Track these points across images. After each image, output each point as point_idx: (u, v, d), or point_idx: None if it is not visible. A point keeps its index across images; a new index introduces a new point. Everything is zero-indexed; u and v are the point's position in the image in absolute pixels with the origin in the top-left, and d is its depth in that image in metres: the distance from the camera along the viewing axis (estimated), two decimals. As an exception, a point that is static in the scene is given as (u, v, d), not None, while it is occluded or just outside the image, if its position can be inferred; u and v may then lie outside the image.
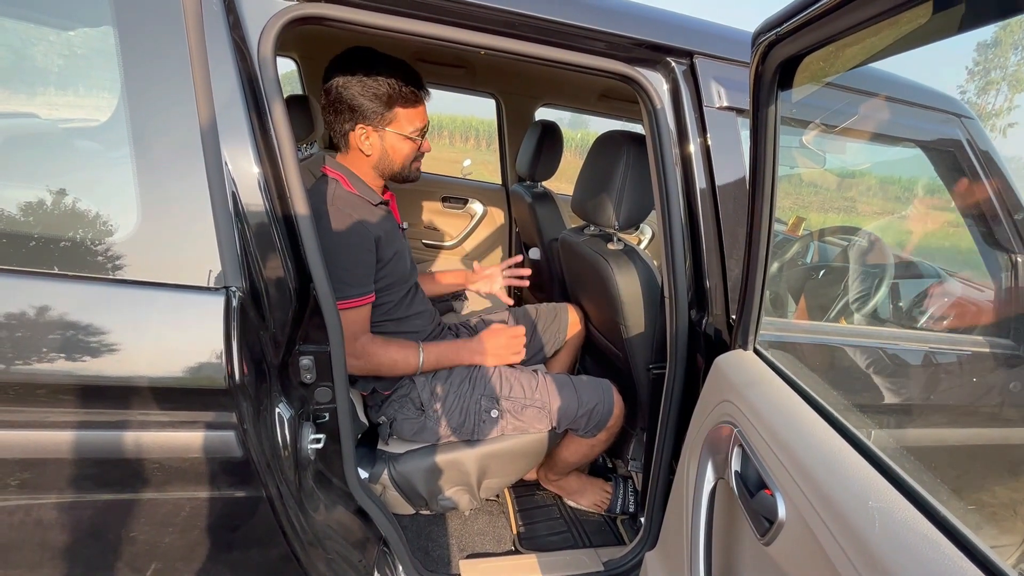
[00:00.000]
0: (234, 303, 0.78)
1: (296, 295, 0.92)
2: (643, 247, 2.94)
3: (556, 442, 1.45)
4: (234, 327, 0.77)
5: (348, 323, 1.13)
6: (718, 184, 1.08)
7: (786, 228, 1.99)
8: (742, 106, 1.08)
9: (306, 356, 0.96)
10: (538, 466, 1.61)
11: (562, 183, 2.73)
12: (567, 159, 2.41)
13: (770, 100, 0.74)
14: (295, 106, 2.22)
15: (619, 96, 2.41)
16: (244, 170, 0.83)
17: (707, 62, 1.07)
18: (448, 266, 2.86)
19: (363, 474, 1.27)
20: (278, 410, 0.88)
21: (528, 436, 1.36)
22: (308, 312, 0.95)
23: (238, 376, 0.77)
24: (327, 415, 1.02)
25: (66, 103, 0.87)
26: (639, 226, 2.93)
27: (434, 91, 2.66)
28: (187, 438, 0.80)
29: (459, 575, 1.33)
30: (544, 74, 2.36)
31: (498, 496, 1.64)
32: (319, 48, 2.37)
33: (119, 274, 0.77)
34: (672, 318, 1.15)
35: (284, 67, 2.62)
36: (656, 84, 1.08)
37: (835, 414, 0.71)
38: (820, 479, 0.62)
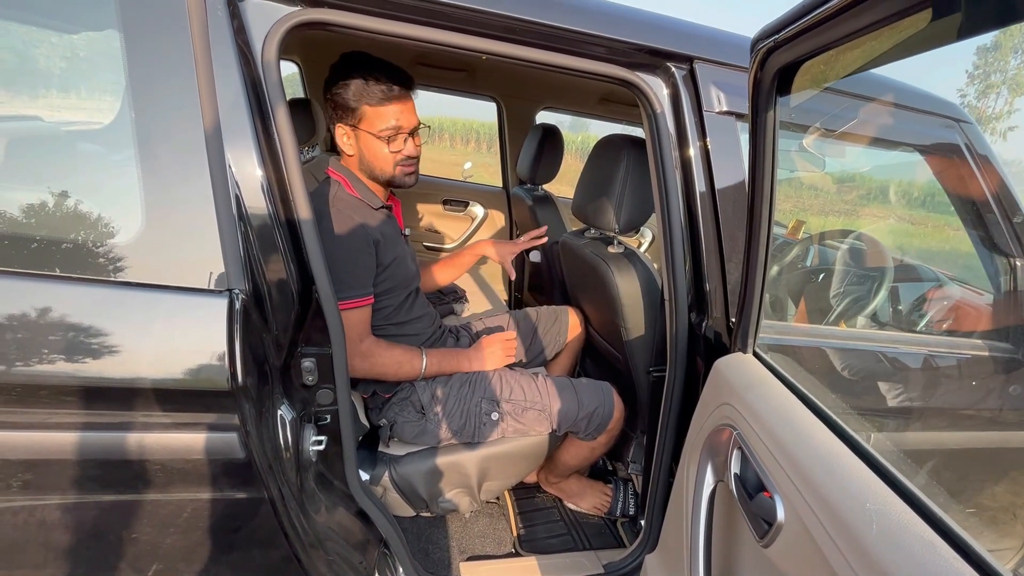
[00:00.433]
0: (237, 305, 0.78)
1: (298, 297, 0.92)
2: (643, 250, 2.95)
3: (556, 445, 1.45)
4: (237, 329, 0.78)
5: (350, 324, 1.13)
6: (718, 188, 1.08)
7: (786, 231, 2.00)
8: (741, 111, 1.09)
9: (308, 358, 0.97)
10: (538, 469, 1.62)
11: (563, 186, 2.74)
12: (567, 162, 2.42)
13: (769, 105, 0.74)
14: (297, 109, 2.22)
15: (619, 100, 2.42)
16: (248, 173, 0.84)
17: (707, 67, 1.08)
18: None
19: (364, 476, 1.27)
20: (280, 412, 0.89)
21: (528, 438, 1.37)
22: (310, 314, 0.95)
23: (241, 378, 0.78)
24: (328, 417, 1.03)
25: (70, 106, 0.87)
26: (639, 229, 2.93)
27: (435, 94, 2.68)
28: (190, 439, 0.80)
29: None
30: (545, 78, 2.37)
31: (498, 498, 1.65)
32: (321, 52, 2.38)
33: (123, 276, 0.77)
34: (672, 321, 1.15)
35: (286, 70, 2.63)
36: (656, 89, 1.09)
37: (834, 417, 0.72)
38: (819, 482, 0.62)
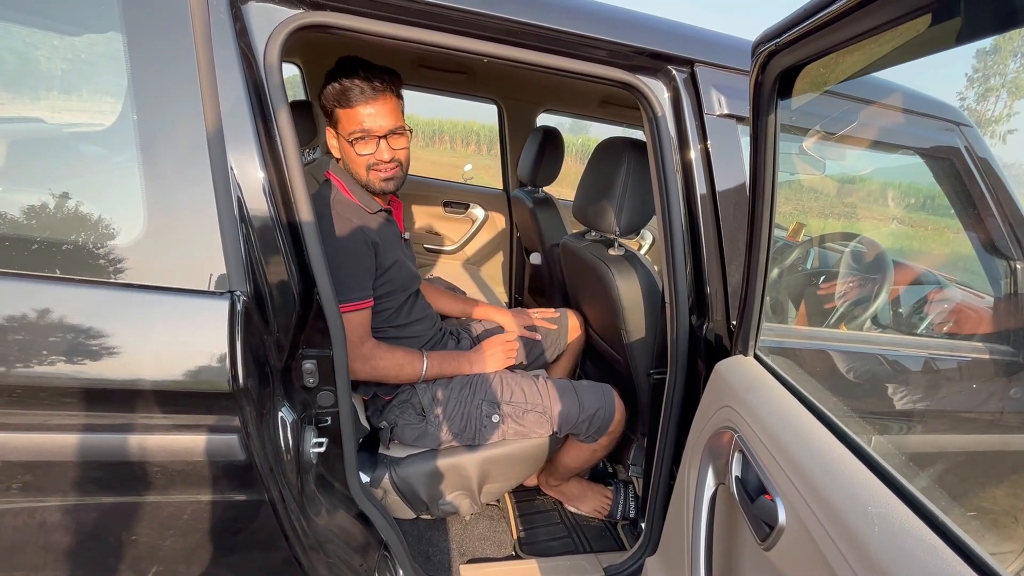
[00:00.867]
0: (238, 307, 0.78)
1: (299, 299, 0.92)
2: (644, 252, 2.95)
3: (557, 447, 1.45)
4: (238, 331, 0.78)
5: (350, 327, 1.13)
6: (718, 190, 1.09)
7: (786, 234, 2.00)
8: (742, 114, 1.09)
9: (309, 360, 0.97)
10: (539, 471, 1.61)
11: (563, 188, 2.74)
12: (568, 164, 2.42)
13: (770, 108, 0.74)
14: (298, 111, 2.23)
15: (620, 102, 2.42)
16: (249, 175, 0.84)
17: (707, 70, 1.08)
18: (449, 271, 2.86)
19: (364, 478, 1.27)
20: (281, 414, 0.89)
21: (529, 441, 1.37)
22: (311, 316, 0.95)
23: (242, 380, 0.78)
24: (329, 419, 1.03)
25: (72, 108, 0.87)
26: (640, 231, 2.93)
27: (436, 96, 2.69)
28: (190, 441, 0.80)
29: None
30: (545, 80, 2.38)
31: (499, 501, 1.64)
32: (323, 54, 2.39)
33: (124, 278, 0.77)
34: (673, 323, 1.15)
35: (287, 72, 2.64)
36: (657, 92, 1.09)
37: (835, 420, 0.72)
38: (820, 484, 0.62)
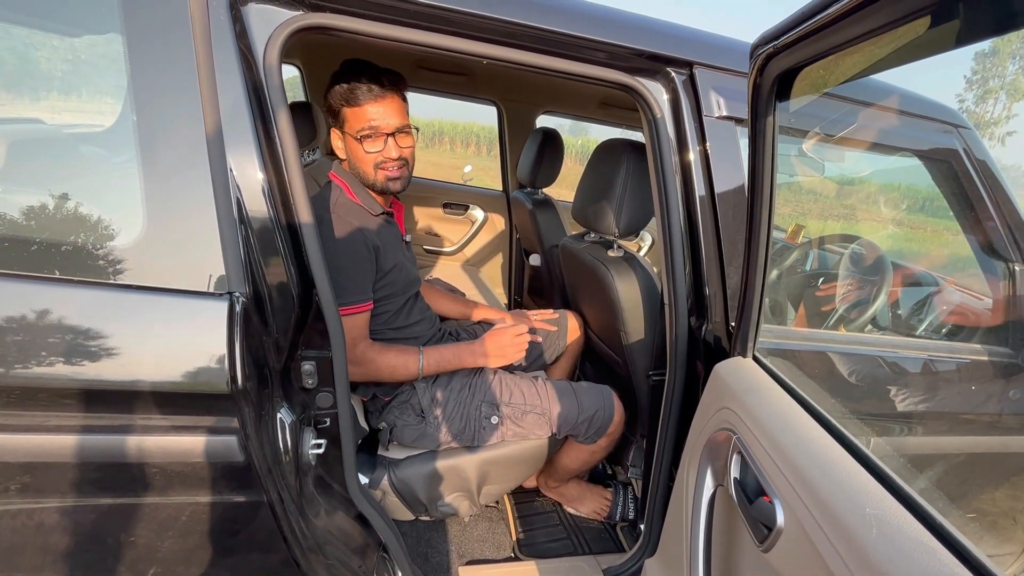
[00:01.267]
0: (237, 308, 0.78)
1: (299, 301, 0.92)
2: (643, 254, 2.95)
3: (556, 448, 1.45)
4: (237, 332, 0.78)
5: (347, 329, 1.13)
6: (717, 192, 1.09)
7: (785, 236, 2.00)
8: (741, 116, 1.09)
9: (308, 361, 0.97)
10: (538, 473, 1.61)
11: (563, 189, 2.74)
12: (567, 166, 2.42)
13: (768, 110, 0.75)
14: (298, 113, 2.23)
15: (619, 104, 2.43)
16: (249, 176, 0.84)
17: (706, 72, 1.08)
18: (448, 272, 2.87)
19: (363, 480, 1.27)
20: (280, 415, 0.89)
21: (528, 442, 1.37)
22: (310, 317, 0.95)
23: (240, 381, 0.78)
24: (328, 420, 1.02)
25: (72, 108, 0.87)
26: (639, 233, 2.94)
27: (435, 98, 2.69)
28: (189, 442, 0.80)
29: None
30: (545, 82, 2.38)
31: (498, 502, 1.64)
32: (323, 55, 2.39)
33: (123, 279, 0.77)
34: (672, 325, 1.15)
35: (287, 72, 2.64)
36: (656, 94, 1.09)
37: (833, 422, 0.72)
38: (818, 486, 0.62)
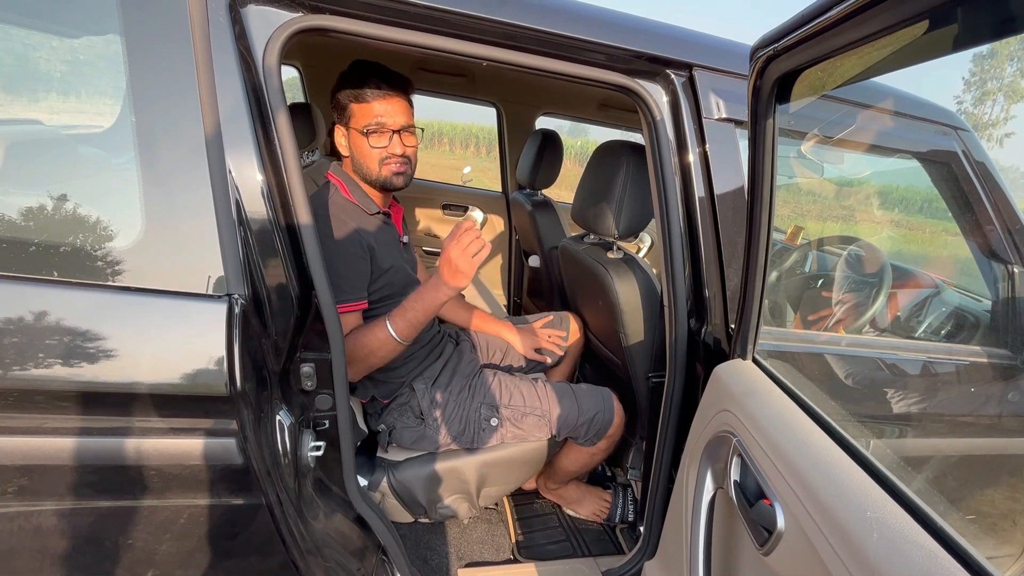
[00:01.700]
0: (236, 310, 0.78)
1: (298, 302, 0.92)
2: (642, 255, 2.95)
3: (556, 450, 1.44)
4: (236, 334, 0.77)
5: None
6: (717, 194, 1.09)
7: (784, 237, 2.00)
8: (740, 118, 1.09)
9: (307, 363, 0.97)
10: (537, 475, 1.61)
11: (562, 191, 2.74)
12: (567, 167, 2.42)
13: (768, 113, 0.75)
14: (297, 114, 2.23)
15: (618, 105, 2.43)
16: (248, 178, 0.84)
17: (706, 74, 1.08)
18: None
19: (362, 482, 1.26)
20: (278, 417, 0.88)
21: (528, 444, 1.36)
22: (310, 319, 0.95)
23: (239, 383, 0.77)
24: (327, 422, 1.02)
25: (71, 109, 0.87)
26: (639, 235, 2.93)
27: (435, 99, 2.69)
28: (188, 445, 0.80)
29: None
30: (545, 84, 2.38)
31: (497, 505, 1.64)
32: (322, 56, 2.39)
33: (122, 281, 0.77)
34: (671, 327, 1.15)
35: (286, 74, 2.63)
36: (656, 96, 1.09)
37: (833, 424, 0.72)
38: (819, 489, 0.62)
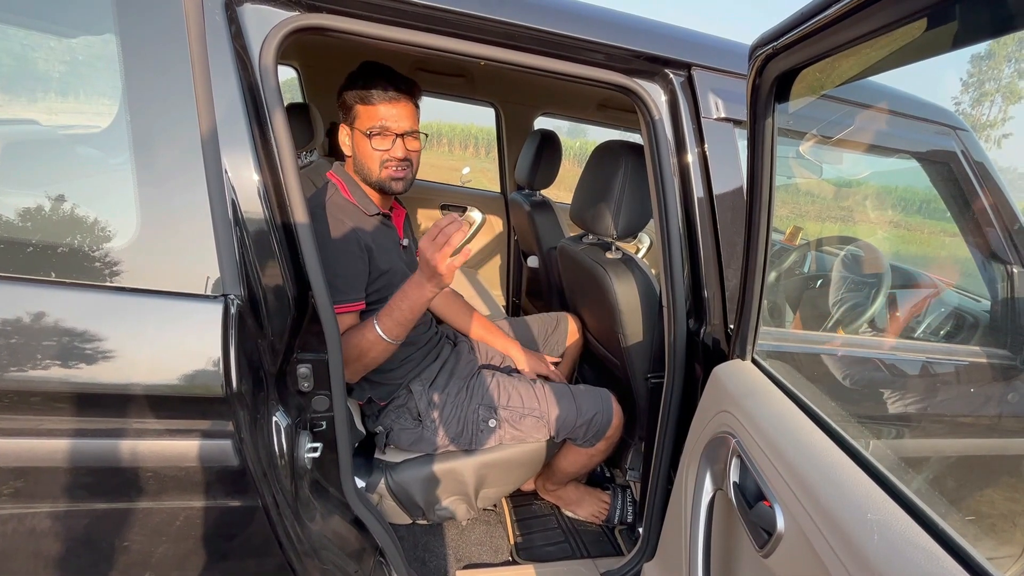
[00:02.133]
0: (232, 311, 0.78)
1: (294, 303, 0.91)
2: (641, 255, 2.95)
3: (554, 451, 1.44)
4: (232, 335, 0.77)
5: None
6: (716, 194, 1.08)
7: (783, 237, 2.00)
8: (739, 117, 1.09)
9: (304, 364, 0.96)
10: (536, 476, 1.61)
11: (561, 191, 2.74)
12: (565, 167, 2.42)
13: (767, 112, 0.74)
14: (295, 114, 2.23)
15: (617, 106, 2.43)
16: (244, 178, 0.84)
17: (705, 74, 1.08)
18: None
19: (360, 483, 1.26)
20: (275, 418, 0.88)
21: (526, 445, 1.36)
22: (306, 320, 0.94)
23: (235, 384, 0.77)
24: (324, 424, 1.02)
25: (67, 110, 0.87)
26: (637, 235, 2.93)
27: (434, 99, 2.69)
28: (183, 446, 0.79)
29: None
30: (543, 84, 2.38)
31: (495, 506, 1.63)
32: (319, 56, 2.39)
33: (118, 281, 0.76)
34: (670, 327, 1.15)
35: (284, 74, 2.63)
36: (654, 95, 1.09)
37: (833, 425, 0.71)
38: (819, 491, 0.62)
